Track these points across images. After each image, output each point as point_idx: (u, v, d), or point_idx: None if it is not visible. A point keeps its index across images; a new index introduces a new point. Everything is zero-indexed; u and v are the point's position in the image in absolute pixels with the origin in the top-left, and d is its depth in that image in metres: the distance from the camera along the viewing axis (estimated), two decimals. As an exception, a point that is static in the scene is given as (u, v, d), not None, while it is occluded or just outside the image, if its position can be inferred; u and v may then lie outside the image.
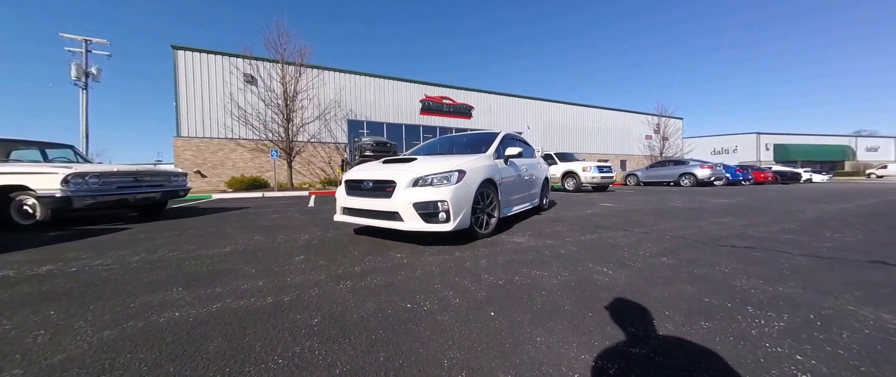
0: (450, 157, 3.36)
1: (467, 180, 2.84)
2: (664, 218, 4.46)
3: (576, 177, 10.47)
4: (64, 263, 2.40)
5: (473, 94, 21.34)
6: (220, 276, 2.04)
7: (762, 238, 3.04)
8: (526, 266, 2.18)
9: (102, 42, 15.44)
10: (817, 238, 3.03)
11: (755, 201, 6.91)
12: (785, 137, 40.78)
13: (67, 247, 2.98)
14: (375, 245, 2.86)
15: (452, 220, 2.65)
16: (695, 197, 8.29)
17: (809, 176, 19.63)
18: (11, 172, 3.79)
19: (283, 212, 5.60)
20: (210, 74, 14.42)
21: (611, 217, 4.55)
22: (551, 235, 3.22)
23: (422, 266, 2.21)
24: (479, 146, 4.12)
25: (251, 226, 4.14)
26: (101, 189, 4.08)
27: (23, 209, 3.81)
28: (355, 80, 17.75)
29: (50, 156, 5.13)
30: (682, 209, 5.53)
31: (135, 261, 2.46)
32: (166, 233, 3.66)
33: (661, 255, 2.43)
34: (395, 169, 2.90)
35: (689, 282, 1.85)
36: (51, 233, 3.65)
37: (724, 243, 2.81)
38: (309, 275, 2.03)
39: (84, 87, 14.93)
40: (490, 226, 3.19)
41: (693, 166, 13.87)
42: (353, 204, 2.97)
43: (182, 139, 13.82)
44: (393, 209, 2.69)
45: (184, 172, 5.43)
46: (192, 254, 2.65)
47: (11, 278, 2.06)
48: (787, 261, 2.26)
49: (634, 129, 28.46)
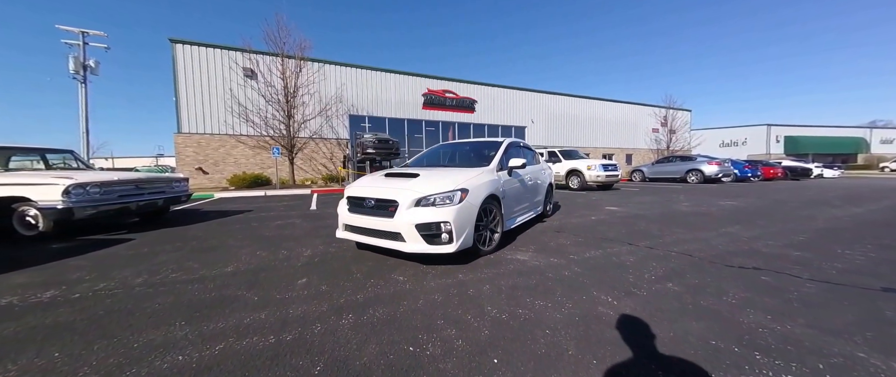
0: (452, 170, 3.31)
1: (470, 199, 2.80)
2: (670, 226, 4.41)
3: (580, 175, 10.37)
4: (67, 287, 2.41)
5: (476, 87, 21.05)
6: (222, 306, 2.04)
7: (770, 255, 2.99)
8: (529, 294, 2.16)
9: (100, 34, 15.24)
10: (827, 255, 2.97)
11: (763, 204, 6.82)
12: (796, 129, 39.98)
13: (70, 264, 2.99)
14: (377, 264, 2.84)
15: (455, 242, 2.63)
16: (702, 197, 8.20)
17: (820, 171, 19.30)
18: (13, 183, 3.79)
19: (286, 218, 5.60)
20: (209, 69, 14.29)
21: (616, 225, 4.50)
22: (555, 251, 3.19)
23: (424, 293, 2.19)
24: (483, 154, 4.07)
25: (253, 236, 4.14)
26: (103, 198, 4.09)
27: (25, 220, 3.83)
28: (357, 73, 17.53)
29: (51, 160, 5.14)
30: (689, 214, 5.47)
31: (137, 284, 2.46)
32: (169, 245, 3.67)
33: (667, 279, 2.39)
34: (397, 186, 2.86)
35: (696, 316, 1.82)
36: (53, 246, 3.67)
37: (731, 263, 2.76)
38: (311, 306, 2.03)
39: (83, 81, 14.86)
40: (493, 243, 3.16)
41: (700, 162, 13.68)
42: (355, 221, 2.95)
43: (183, 135, 13.81)
44: (395, 229, 2.67)
45: (185, 178, 5.43)
46: (194, 275, 2.65)
47: (16, 308, 2.07)
48: (795, 288, 2.22)
49: (641, 121, 28.06)
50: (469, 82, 20.81)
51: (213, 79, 14.33)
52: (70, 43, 14.69)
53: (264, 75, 13.12)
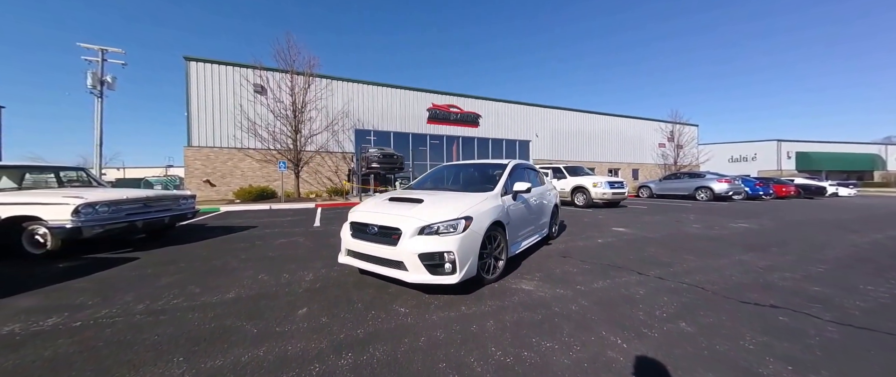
0: (457, 195, 3.28)
1: (474, 227, 2.76)
2: (680, 252, 4.29)
3: (586, 192, 10.27)
4: (69, 313, 2.40)
5: (480, 101, 21.27)
6: (222, 340, 2.00)
7: (787, 290, 2.87)
8: (535, 332, 2.08)
9: (118, 51, 15.86)
10: (848, 291, 2.84)
11: (777, 227, 6.63)
12: (807, 145, 39.34)
13: (74, 286, 3.00)
14: (379, 292, 2.80)
15: (458, 272, 2.57)
16: (712, 218, 8.02)
17: (835, 189, 18.78)
18: (24, 202, 3.86)
19: (289, 235, 5.60)
20: (221, 85, 14.69)
21: (623, 250, 4.40)
22: (561, 280, 3.11)
23: (426, 329, 2.13)
24: (488, 177, 4.05)
25: (256, 256, 4.13)
26: (111, 217, 4.13)
27: (34, 239, 3.87)
28: (363, 89, 17.86)
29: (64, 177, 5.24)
30: (699, 237, 5.34)
31: (139, 311, 2.44)
32: (172, 266, 3.67)
33: (679, 317, 2.30)
34: (401, 213, 2.84)
35: (712, 365, 1.73)
36: (59, 265, 3.70)
37: (747, 298, 2.65)
38: (310, 342, 1.98)
39: (99, 95, 15.34)
40: (497, 270, 3.10)
41: (710, 180, 13.47)
42: (358, 247, 2.92)
43: (192, 148, 14.09)
44: (398, 258, 2.63)
45: (192, 195, 5.49)
46: (196, 301, 2.63)
47: (17, 337, 2.06)
48: (816, 331, 2.11)
49: (647, 136, 27.95)
50: (473, 97, 21.04)
51: (223, 94, 14.72)
52: (90, 59, 15.30)
53: (274, 91, 13.43)
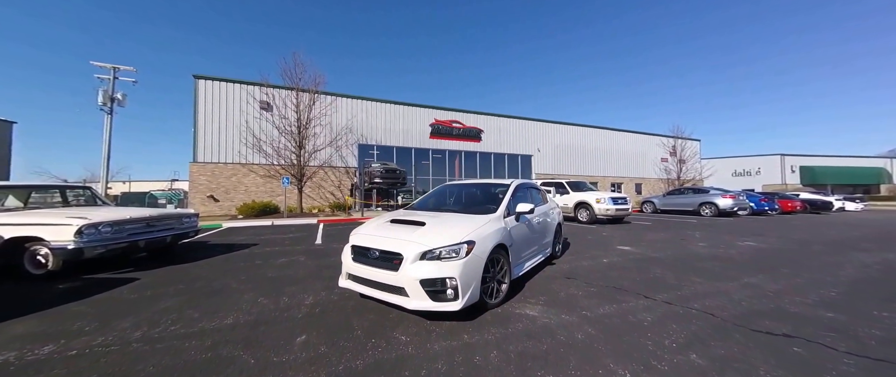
0: (459, 218, 3.26)
1: (477, 251, 2.72)
2: (687, 273, 4.20)
3: (589, 208, 10.20)
4: (66, 341, 2.36)
5: (483, 117, 21.51)
6: (218, 371, 1.95)
7: (800, 317, 2.78)
8: (540, 364, 2.01)
9: (129, 69, 16.31)
10: (863, 318, 2.75)
11: (785, 246, 6.50)
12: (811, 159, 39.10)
13: (72, 310, 2.96)
14: (379, 318, 2.74)
15: (461, 298, 2.52)
16: (718, 236, 7.90)
17: (842, 204, 18.52)
18: (27, 223, 3.88)
19: (290, 254, 5.56)
20: (228, 102, 15.01)
21: (629, 271, 4.32)
22: (566, 305, 3.04)
23: (427, 360, 2.07)
24: (490, 197, 4.04)
25: (256, 277, 4.09)
26: (113, 237, 4.13)
27: (36, 259, 3.87)
28: (367, 105, 18.17)
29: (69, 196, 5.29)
30: (706, 257, 5.24)
31: (136, 339, 2.40)
32: (171, 288, 3.64)
33: (689, 348, 2.22)
34: (402, 237, 2.81)
35: (726, 404, 1.65)
36: (59, 286, 3.68)
37: (758, 326, 2.57)
38: (308, 374, 1.92)
39: (109, 112, 15.69)
40: (501, 294, 3.03)
41: (714, 195, 13.36)
42: (358, 272, 2.88)
43: (198, 164, 14.26)
44: (399, 284, 2.59)
45: (195, 213, 5.50)
46: (193, 327, 2.58)
47: (11, 367, 2.02)
48: (833, 364, 2.02)
49: (649, 151, 28.00)
50: (476, 112, 21.30)
51: (230, 111, 15.00)
52: (102, 77, 15.73)
53: (279, 108, 13.69)
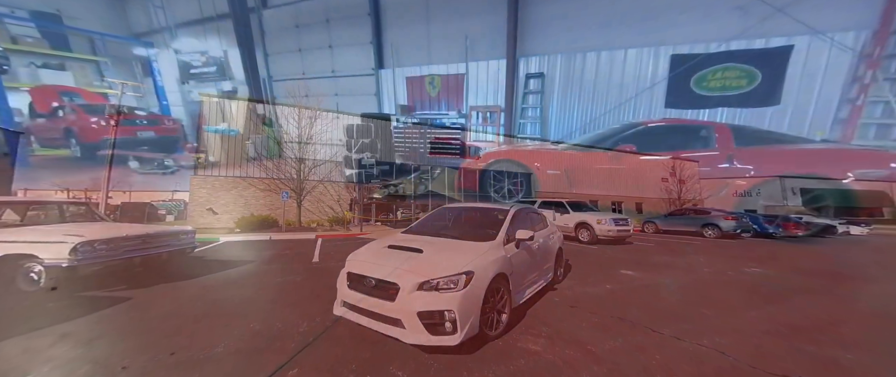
0: (457, 245, 3.19)
1: (476, 282, 2.64)
2: (694, 304, 4.06)
3: (590, 229, 10.08)
4: (49, 370, 2.26)
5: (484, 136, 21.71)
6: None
7: (818, 359, 2.65)
8: (543, 409, 1.89)
9: (138, 84, 16.71)
10: (886, 363, 2.62)
11: (793, 274, 6.31)
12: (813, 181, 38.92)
13: (58, 332, 2.86)
14: (376, 350, 2.62)
15: (459, 332, 2.42)
16: (723, 260, 7.72)
17: (847, 228, 18.33)
18: (22, 241, 3.82)
19: (286, 273, 5.44)
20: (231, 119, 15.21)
21: (634, 299, 4.19)
22: (570, 339, 2.90)
23: (424, 402, 1.95)
24: (489, 220, 3.96)
25: (249, 298, 3.99)
26: (109, 255, 4.06)
27: (29, 276, 3.78)
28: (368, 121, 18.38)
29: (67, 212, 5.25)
30: (712, 284, 5.11)
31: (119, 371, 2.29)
32: (163, 310, 3.52)
33: (701, 393, 2.09)
34: (399, 266, 2.73)
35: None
36: (48, 304, 3.58)
37: (775, 370, 2.42)
38: (297, 417, 1.81)
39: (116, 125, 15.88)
40: (501, 325, 2.92)
41: (716, 217, 13.24)
42: (354, 300, 2.79)
43: (199, 177, 14.30)
44: (396, 315, 2.50)
45: (192, 230, 5.44)
46: (181, 357, 2.48)
47: (-18, 402, 1.91)
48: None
49: (649, 171, 28.05)
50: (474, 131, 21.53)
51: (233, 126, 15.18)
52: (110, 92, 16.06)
53: (282, 124, 13.85)
